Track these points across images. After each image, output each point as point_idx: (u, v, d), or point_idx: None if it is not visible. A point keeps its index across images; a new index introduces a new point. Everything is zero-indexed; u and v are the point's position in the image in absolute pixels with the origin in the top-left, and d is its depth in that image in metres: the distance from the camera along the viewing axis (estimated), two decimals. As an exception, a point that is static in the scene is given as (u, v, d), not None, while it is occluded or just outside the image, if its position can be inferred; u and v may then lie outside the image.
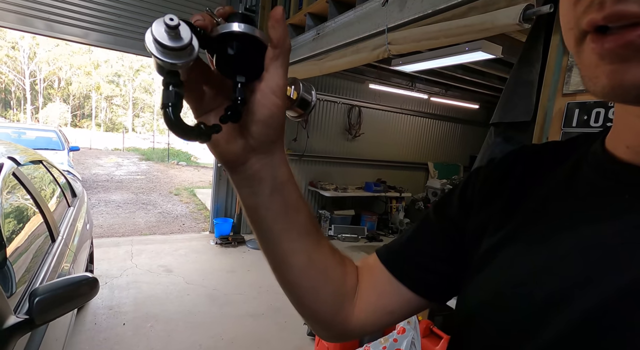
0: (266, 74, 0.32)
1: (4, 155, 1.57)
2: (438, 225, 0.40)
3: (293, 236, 0.39)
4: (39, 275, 1.30)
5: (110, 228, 4.67)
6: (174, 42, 0.26)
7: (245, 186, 0.37)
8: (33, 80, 27.75)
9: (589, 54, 0.22)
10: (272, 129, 0.34)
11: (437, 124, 6.54)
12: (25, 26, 3.33)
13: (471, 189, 0.39)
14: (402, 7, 2.07)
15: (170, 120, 0.28)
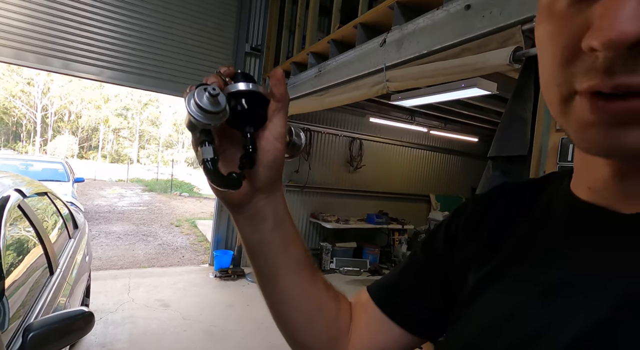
0: (269, 123, 0.36)
1: (11, 187, 1.60)
2: (426, 261, 0.41)
3: (291, 270, 0.40)
4: (34, 310, 1.28)
5: (109, 260, 4.60)
6: (214, 107, 0.31)
7: (247, 225, 0.39)
8: (44, 114, 28.70)
9: (582, 114, 0.22)
10: (275, 170, 0.37)
11: (437, 156, 6.62)
12: (43, 65, 3.52)
13: (455, 223, 0.39)
14: (399, 47, 2.20)
15: (210, 172, 0.32)
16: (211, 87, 0.31)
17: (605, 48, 0.19)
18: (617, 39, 0.18)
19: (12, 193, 1.53)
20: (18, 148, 29.22)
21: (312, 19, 3.48)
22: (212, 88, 0.31)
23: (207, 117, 0.31)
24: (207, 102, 0.31)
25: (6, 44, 3.33)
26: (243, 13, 4.57)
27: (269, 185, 0.38)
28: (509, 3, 1.50)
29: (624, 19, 0.18)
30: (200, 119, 0.31)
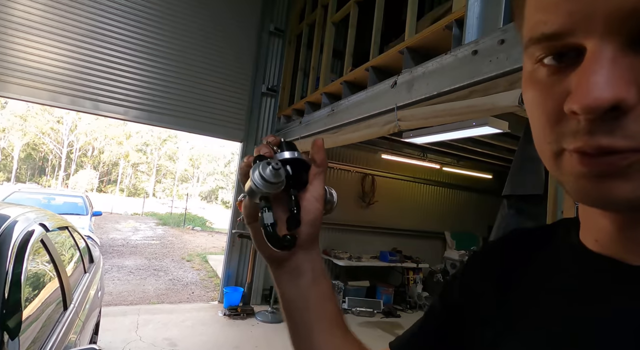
0: (310, 186, 0.41)
1: (36, 221, 1.67)
2: (444, 314, 0.41)
3: (324, 327, 0.41)
4: (46, 346, 1.27)
5: (119, 295, 4.56)
6: (276, 179, 0.36)
7: (286, 280, 0.41)
8: (69, 150, 30.15)
9: (572, 168, 0.23)
10: (315, 228, 0.41)
11: (451, 193, 6.54)
12: (76, 106, 3.79)
13: (469, 274, 0.40)
14: (410, 88, 2.29)
15: (270, 235, 0.37)
16: (274, 162, 0.36)
17: (584, 112, 0.21)
18: (593, 105, 0.20)
19: (36, 227, 1.59)
20: (42, 182, 30.43)
21: (326, 62, 3.69)
22: (276, 163, 0.36)
23: (269, 186, 0.36)
24: (270, 175, 0.35)
25: (43, 87, 3.63)
26: (260, 56, 4.88)
27: (308, 242, 0.41)
28: (514, 50, 1.58)
29: (598, 86, 0.20)
30: (262, 188, 0.36)
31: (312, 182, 0.40)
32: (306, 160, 0.40)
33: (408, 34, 2.36)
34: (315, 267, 0.42)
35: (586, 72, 0.21)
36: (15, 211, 1.57)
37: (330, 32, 3.70)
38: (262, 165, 0.36)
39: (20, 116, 27.08)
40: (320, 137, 0.43)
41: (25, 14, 3.54)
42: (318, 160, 0.40)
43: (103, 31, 3.91)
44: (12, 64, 3.49)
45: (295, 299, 0.41)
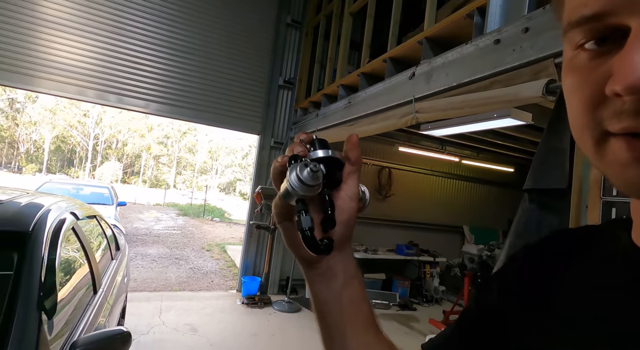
0: (344, 184, 0.39)
1: (67, 210, 1.76)
2: (480, 318, 0.39)
3: (358, 330, 0.40)
4: (78, 327, 1.35)
5: (143, 282, 4.77)
6: (314, 181, 0.35)
7: (319, 281, 0.41)
8: (95, 142, 31.33)
9: (619, 154, 0.22)
10: (349, 228, 0.39)
11: (470, 186, 6.41)
12: (101, 100, 3.93)
13: (508, 277, 0.38)
14: (429, 80, 2.24)
15: (308, 239, 0.36)
16: (313, 164, 0.35)
17: (628, 92, 0.20)
18: (637, 84, 0.20)
19: (67, 216, 1.68)
20: (70, 173, 31.85)
21: (343, 53, 3.66)
22: (314, 165, 0.35)
23: (307, 189, 0.35)
24: (308, 177, 0.34)
25: (71, 82, 3.77)
26: (277, 49, 4.89)
27: (341, 242, 0.39)
28: (539, 38, 1.52)
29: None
30: (300, 191, 0.35)
31: (347, 180, 0.39)
32: (340, 158, 0.39)
33: (427, 24, 2.31)
34: (348, 269, 0.41)
35: (630, 50, 0.20)
36: (48, 200, 1.66)
37: (347, 23, 3.66)
38: (300, 167, 0.35)
39: (49, 110, 28.31)
40: (355, 133, 0.41)
41: (54, 12, 3.67)
42: (352, 158, 0.39)
43: (126, 27, 4.01)
44: (43, 60, 3.64)
45: (327, 301, 0.40)
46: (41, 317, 1.06)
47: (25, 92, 23.40)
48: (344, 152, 0.40)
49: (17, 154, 32.41)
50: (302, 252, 0.39)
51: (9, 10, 3.50)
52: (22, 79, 3.58)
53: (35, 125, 30.10)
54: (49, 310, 1.13)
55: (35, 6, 3.60)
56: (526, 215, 1.67)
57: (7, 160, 32.52)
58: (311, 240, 0.36)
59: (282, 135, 4.94)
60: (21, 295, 1.05)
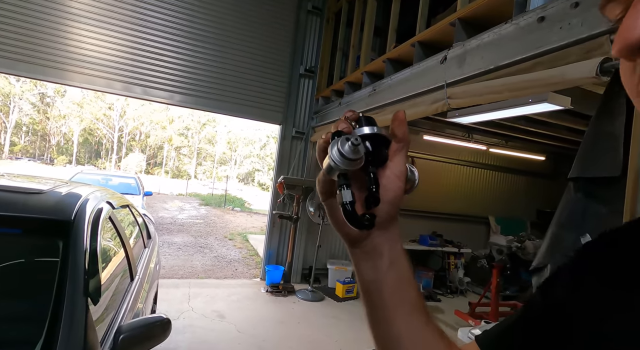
0: (391, 162, 0.38)
1: (103, 199, 1.81)
2: (544, 310, 0.37)
3: (405, 312, 0.39)
4: (119, 312, 1.40)
5: (171, 269, 4.93)
6: (355, 155, 0.34)
7: (364, 260, 0.40)
8: (120, 134, 32.40)
9: None
10: (395, 207, 0.38)
11: (497, 175, 6.19)
12: (127, 92, 4.01)
13: (584, 267, 0.36)
14: (462, 63, 2.14)
15: (349, 214, 0.35)
16: (354, 138, 0.34)
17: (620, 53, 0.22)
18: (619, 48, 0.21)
19: (104, 205, 1.72)
20: (98, 164, 33.17)
21: (367, 39, 3.55)
22: (355, 138, 0.34)
23: (348, 163, 0.34)
24: (349, 150, 0.34)
25: (99, 75, 3.86)
26: (298, 37, 4.81)
27: (387, 221, 0.39)
28: (590, 13, 1.40)
29: None
30: (341, 165, 0.34)
31: (393, 158, 0.38)
32: (386, 135, 0.38)
33: (460, 4, 2.19)
34: (394, 249, 0.40)
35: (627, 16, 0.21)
36: (85, 190, 1.71)
37: (372, 7, 3.54)
38: (341, 141, 0.34)
39: (77, 103, 29.40)
40: (402, 110, 0.39)
41: (83, 6, 3.74)
42: (399, 135, 0.38)
43: (150, 19, 4.04)
44: (73, 54, 3.74)
45: (372, 281, 0.40)
46: (87, 302, 1.09)
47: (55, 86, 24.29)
48: (391, 129, 0.39)
49: (48, 146, 34.03)
50: (346, 229, 0.38)
51: (41, 5, 3.59)
52: (55, 73, 3.69)
53: (64, 119, 31.40)
54: (94, 296, 1.16)
55: (65, 0, 3.67)
56: (570, 205, 1.58)
57: (40, 152, 34.21)
58: (351, 214, 0.35)
59: (303, 125, 4.91)
60: (69, 282, 1.08)
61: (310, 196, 4.50)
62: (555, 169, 6.15)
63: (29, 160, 29.63)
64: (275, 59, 4.71)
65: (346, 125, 0.38)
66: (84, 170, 8.37)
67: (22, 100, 29.81)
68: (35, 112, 31.08)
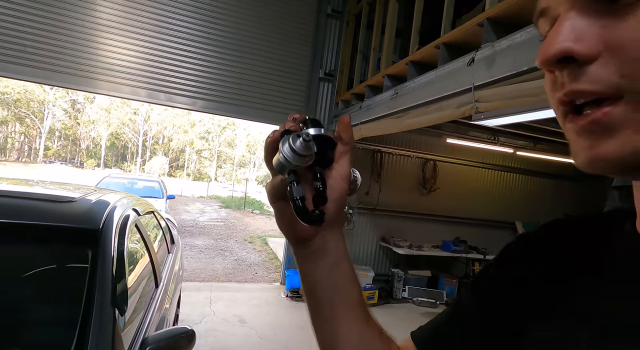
0: (336, 164, 0.39)
1: (130, 207, 1.84)
2: (473, 306, 0.40)
3: (347, 311, 0.41)
4: (145, 321, 1.40)
5: (193, 272, 5.01)
6: (306, 151, 0.35)
7: (310, 260, 0.41)
8: (144, 138, 33.53)
9: (569, 132, 0.25)
10: (340, 207, 0.40)
11: (524, 179, 5.95)
12: (152, 99, 4.12)
13: (505, 267, 0.39)
14: (490, 65, 2.05)
15: (299, 209, 0.36)
16: (305, 133, 0.35)
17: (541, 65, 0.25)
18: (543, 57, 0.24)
19: (130, 212, 1.75)
20: (124, 167, 34.44)
21: (388, 41, 3.49)
22: (306, 134, 0.35)
23: (299, 159, 0.35)
24: (300, 147, 0.35)
25: (126, 83, 3.99)
26: (318, 41, 4.81)
27: (332, 220, 0.39)
28: (638, 9, 1.29)
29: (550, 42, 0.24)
30: (292, 161, 0.35)
31: (339, 160, 0.39)
32: (333, 137, 0.39)
33: (489, 3, 2.10)
34: (338, 248, 0.41)
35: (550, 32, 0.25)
36: (113, 197, 1.74)
37: (393, 9, 3.48)
38: (292, 138, 0.35)
39: (105, 109, 30.69)
40: (348, 114, 0.41)
41: (111, 17, 3.88)
42: (345, 138, 0.40)
43: (173, 28, 4.14)
44: (101, 63, 3.88)
45: (319, 280, 0.40)
46: (115, 313, 1.09)
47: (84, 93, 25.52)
48: (337, 132, 0.40)
49: (79, 150, 35.64)
50: (294, 230, 0.39)
51: (73, 18, 3.75)
52: (85, 82, 3.84)
53: (93, 124, 32.83)
54: (121, 306, 1.17)
55: (92, 11, 3.82)
56: (615, 215, 1.46)
57: (71, 155, 35.89)
58: (303, 209, 0.36)
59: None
60: (97, 291, 1.09)
61: (330, 201, 4.47)
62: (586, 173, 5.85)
63: (61, 164, 31.15)
64: (295, 63, 4.72)
65: (293, 125, 0.38)
66: (111, 175, 8.68)
67: (55, 107, 31.43)
68: (66, 118, 32.68)
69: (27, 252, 1.25)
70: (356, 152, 5.01)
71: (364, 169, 4.98)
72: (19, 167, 22.84)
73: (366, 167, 4.98)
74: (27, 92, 28.40)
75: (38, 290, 1.21)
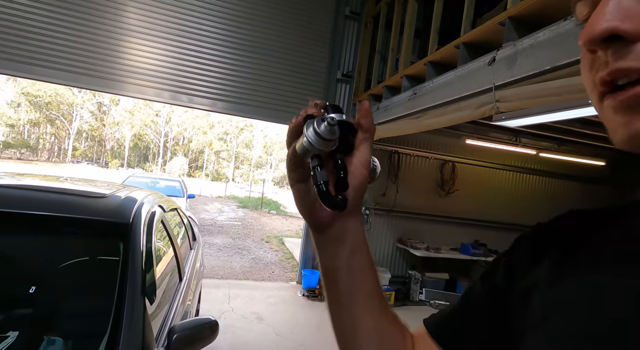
0: (357, 151, 0.39)
1: (156, 203, 1.92)
2: (484, 294, 0.40)
3: (364, 297, 0.41)
4: (170, 311, 1.47)
5: (212, 269, 5.13)
6: (331, 135, 0.35)
7: (328, 247, 0.41)
8: (165, 139, 34.49)
9: (607, 110, 0.25)
10: (360, 193, 0.40)
11: (549, 182, 5.77)
12: (175, 101, 4.26)
13: (517, 255, 0.38)
14: (512, 65, 2.02)
15: (323, 193, 0.36)
16: (329, 118, 0.35)
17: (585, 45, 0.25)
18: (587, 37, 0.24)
19: (156, 209, 1.83)
20: (146, 167, 35.56)
21: (407, 42, 3.48)
22: (331, 118, 0.35)
23: (324, 143, 0.35)
24: (325, 131, 0.34)
25: (150, 85, 4.14)
26: (335, 42, 4.84)
27: (352, 206, 0.39)
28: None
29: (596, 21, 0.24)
30: (317, 145, 0.35)
31: (359, 147, 0.39)
32: (354, 123, 0.39)
33: (512, 2, 2.07)
34: (357, 236, 0.41)
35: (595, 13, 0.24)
36: (140, 194, 1.83)
37: (412, 9, 3.47)
38: (317, 122, 0.35)
39: (129, 111, 31.80)
40: (367, 100, 0.40)
41: (136, 22, 4.05)
42: (365, 125, 0.39)
43: (195, 31, 4.27)
44: (127, 67, 4.05)
45: (335, 268, 0.41)
46: (145, 301, 1.15)
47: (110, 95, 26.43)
48: (357, 119, 0.40)
49: (104, 151, 37.05)
50: (315, 215, 0.40)
51: (99, 23, 3.93)
52: (113, 85, 4.02)
53: (117, 125, 34.06)
54: (150, 295, 1.23)
55: (120, 17, 4.00)
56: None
57: (96, 156, 37.35)
58: (327, 194, 0.36)
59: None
60: (129, 281, 1.15)
61: (347, 201, 4.48)
62: (616, 175, 5.61)
63: (87, 164, 32.50)
64: (313, 64, 4.77)
65: (315, 110, 0.38)
66: (135, 174, 9.00)
67: (82, 109, 32.81)
68: (93, 120, 34.03)
69: (66, 243, 1.33)
70: (373, 153, 5.00)
71: (381, 170, 4.96)
72: (49, 167, 23.98)
73: (383, 168, 4.96)
74: (58, 95, 29.84)
75: (75, 280, 1.30)
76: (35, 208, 1.30)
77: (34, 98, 29.51)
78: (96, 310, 1.21)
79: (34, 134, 34.72)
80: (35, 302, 1.17)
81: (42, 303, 1.21)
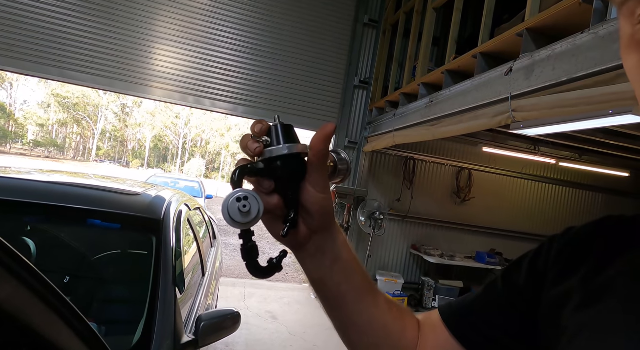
0: (310, 177, 0.37)
1: (182, 202, 2.04)
2: (504, 293, 0.39)
3: (354, 298, 0.43)
4: (195, 302, 1.57)
5: (228, 269, 5.26)
6: (244, 219, 0.34)
7: (310, 262, 0.42)
8: (184, 141, 35.37)
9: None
10: (326, 216, 0.40)
11: (569, 192, 5.64)
12: (199, 105, 4.45)
13: (544, 258, 0.37)
14: (529, 75, 2.05)
15: (254, 269, 0.38)
16: (242, 204, 0.33)
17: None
18: None
19: (183, 207, 1.95)
20: (165, 168, 36.55)
21: (424, 50, 3.53)
22: (243, 205, 0.33)
23: (236, 225, 0.34)
24: (236, 213, 0.33)
25: (176, 89, 4.34)
26: (354, 49, 4.93)
27: (323, 228, 0.40)
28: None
29: None
30: (230, 225, 0.34)
31: (311, 174, 0.37)
32: (301, 153, 0.36)
33: (530, 13, 2.10)
34: (335, 244, 0.41)
35: None
36: (168, 194, 1.95)
37: (430, 18, 3.52)
38: (232, 202, 0.33)
39: (150, 113, 32.83)
40: (333, 123, 0.38)
41: (164, 30, 4.26)
42: (315, 149, 0.36)
43: (218, 39, 4.45)
44: (155, 72, 4.26)
45: (321, 277, 0.42)
46: (175, 291, 1.26)
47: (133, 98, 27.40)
48: (310, 141, 0.37)
49: (125, 151, 38.30)
50: (288, 238, 0.40)
51: (131, 31, 4.16)
52: (142, 89, 4.24)
53: (139, 126, 35.21)
54: (180, 287, 1.34)
55: (151, 26, 4.22)
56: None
57: (119, 156, 38.64)
58: (254, 269, 0.37)
59: (356, 135, 4.98)
60: (162, 273, 1.26)
61: (362, 206, 4.53)
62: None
63: (110, 163, 33.68)
64: (331, 70, 4.87)
65: (256, 145, 0.35)
66: (156, 174, 9.31)
67: (107, 110, 34.10)
68: (116, 121, 35.30)
69: (104, 236, 1.46)
70: (389, 159, 5.05)
71: (397, 176, 5.00)
72: (75, 165, 24.98)
73: (399, 174, 5.00)
74: (85, 97, 31.18)
75: (113, 270, 1.42)
76: (80, 203, 1.43)
77: (63, 99, 30.94)
78: (130, 299, 1.32)
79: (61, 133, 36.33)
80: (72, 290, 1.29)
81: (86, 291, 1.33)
